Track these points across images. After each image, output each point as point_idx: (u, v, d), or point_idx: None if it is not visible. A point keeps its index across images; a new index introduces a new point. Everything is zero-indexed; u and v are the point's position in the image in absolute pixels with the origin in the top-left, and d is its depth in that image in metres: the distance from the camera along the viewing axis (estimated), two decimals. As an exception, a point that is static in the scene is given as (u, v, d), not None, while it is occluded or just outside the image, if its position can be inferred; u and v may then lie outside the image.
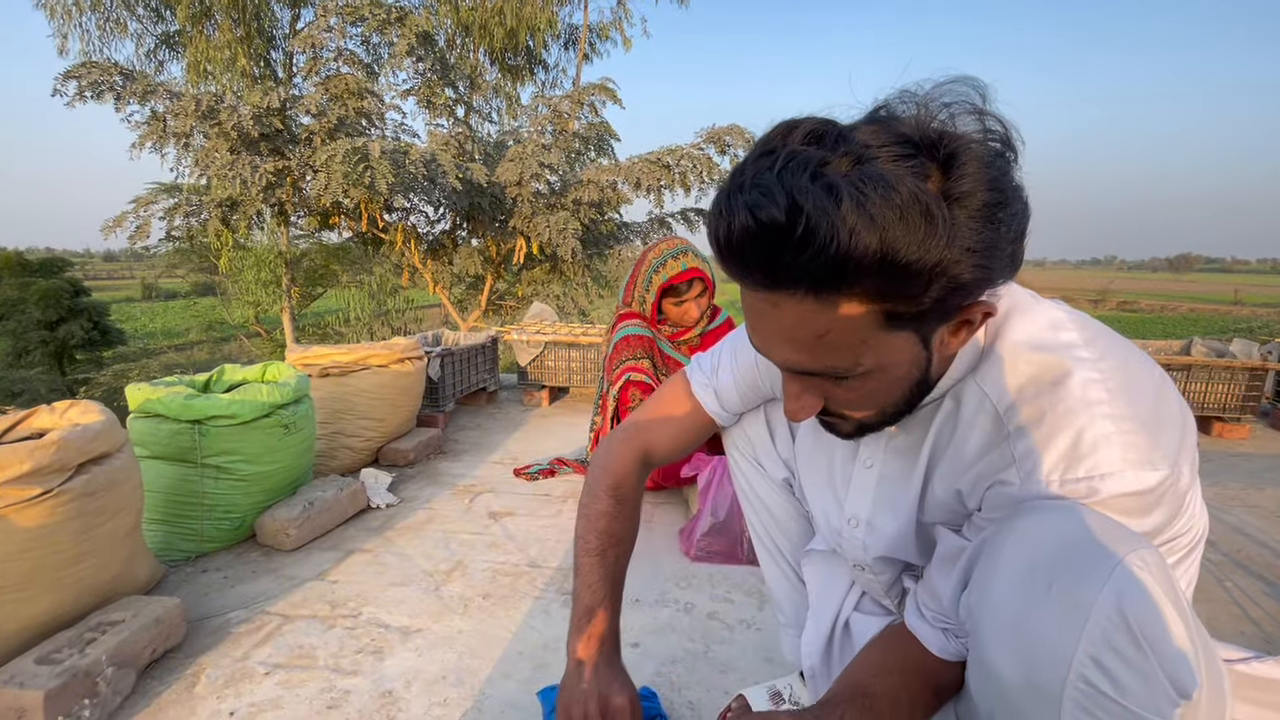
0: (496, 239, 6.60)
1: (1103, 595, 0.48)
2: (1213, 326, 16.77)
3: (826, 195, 0.45)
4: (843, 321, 0.51)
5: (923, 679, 0.68)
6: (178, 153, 5.50)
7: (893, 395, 0.60)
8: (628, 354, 1.99)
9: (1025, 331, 0.60)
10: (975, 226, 0.48)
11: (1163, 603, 0.48)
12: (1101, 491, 0.53)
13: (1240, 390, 2.80)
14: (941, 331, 0.56)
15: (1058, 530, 0.53)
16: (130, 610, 1.22)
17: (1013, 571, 0.54)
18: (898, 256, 0.46)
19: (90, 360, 11.52)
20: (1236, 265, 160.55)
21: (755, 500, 0.96)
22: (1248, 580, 1.60)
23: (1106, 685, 0.47)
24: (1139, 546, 0.50)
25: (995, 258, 0.50)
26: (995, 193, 0.48)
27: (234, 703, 1.13)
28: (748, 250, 0.49)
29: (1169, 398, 0.58)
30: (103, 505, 1.22)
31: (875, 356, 0.54)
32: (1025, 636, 0.52)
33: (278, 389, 1.75)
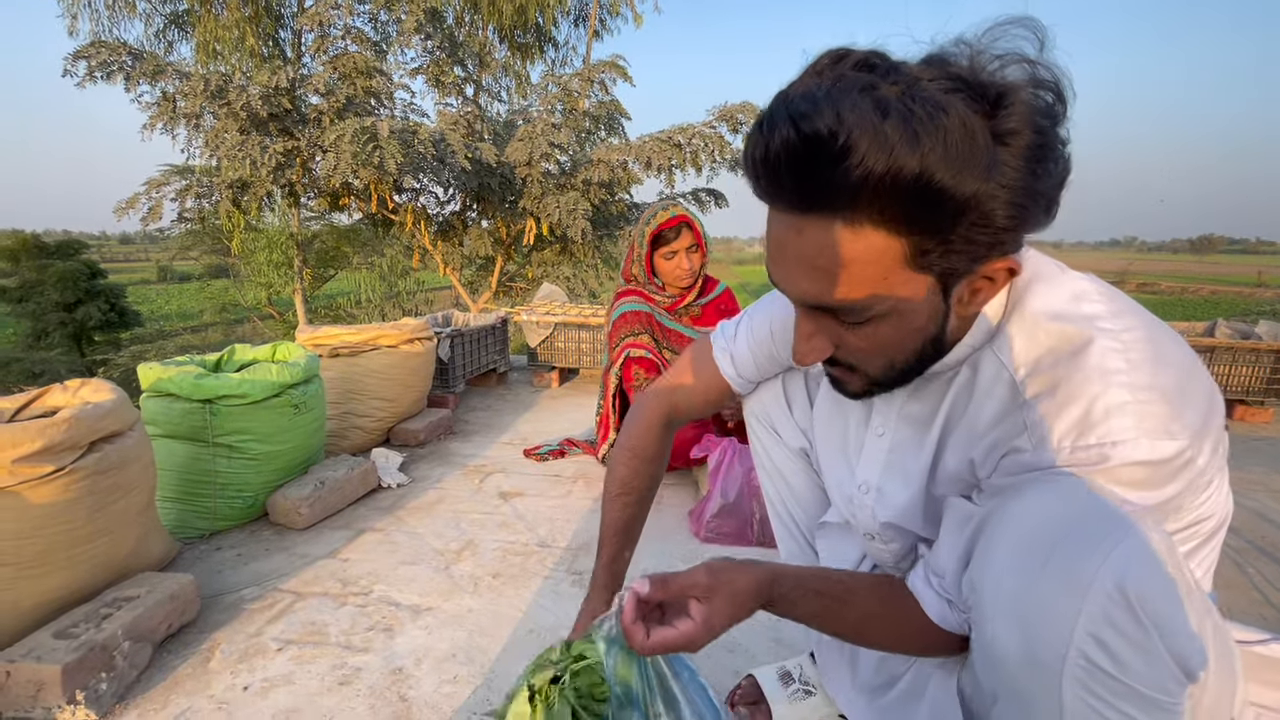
0: (506, 220, 6.57)
1: (1103, 571, 0.46)
2: (1235, 309, 16.45)
3: (874, 109, 0.44)
4: (867, 252, 0.50)
5: (904, 620, 0.68)
6: (188, 134, 5.50)
7: (905, 349, 0.58)
8: (627, 330, 1.98)
9: (1047, 302, 0.58)
10: (1017, 168, 0.47)
11: (1167, 581, 0.46)
12: (1112, 458, 0.51)
13: (1265, 373, 2.73)
14: (962, 286, 0.54)
15: (1060, 506, 0.51)
16: (145, 586, 1.24)
17: (1013, 546, 0.53)
18: (935, 180, 0.45)
19: (108, 342, 11.70)
20: (1261, 246, 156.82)
21: (772, 469, 0.96)
22: (1270, 566, 1.57)
23: (1107, 662, 0.46)
24: (1144, 525, 0.48)
25: (1031, 206, 0.49)
26: (1041, 138, 0.47)
27: (247, 677, 1.14)
28: (786, 164, 0.48)
29: (1197, 376, 0.55)
30: (115, 483, 1.23)
31: (893, 299, 0.53)
32: (1025, 611, 0.51)
33: (287, 369, 1.75)
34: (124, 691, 1.09)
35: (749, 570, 0.65)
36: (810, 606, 0.67)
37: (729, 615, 0.63)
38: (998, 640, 0.54)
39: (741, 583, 0.64)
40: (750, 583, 0.65)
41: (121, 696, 1.08)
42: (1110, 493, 0.52)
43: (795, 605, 0.67)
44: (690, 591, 0.64)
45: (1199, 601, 0.48)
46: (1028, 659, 0.51)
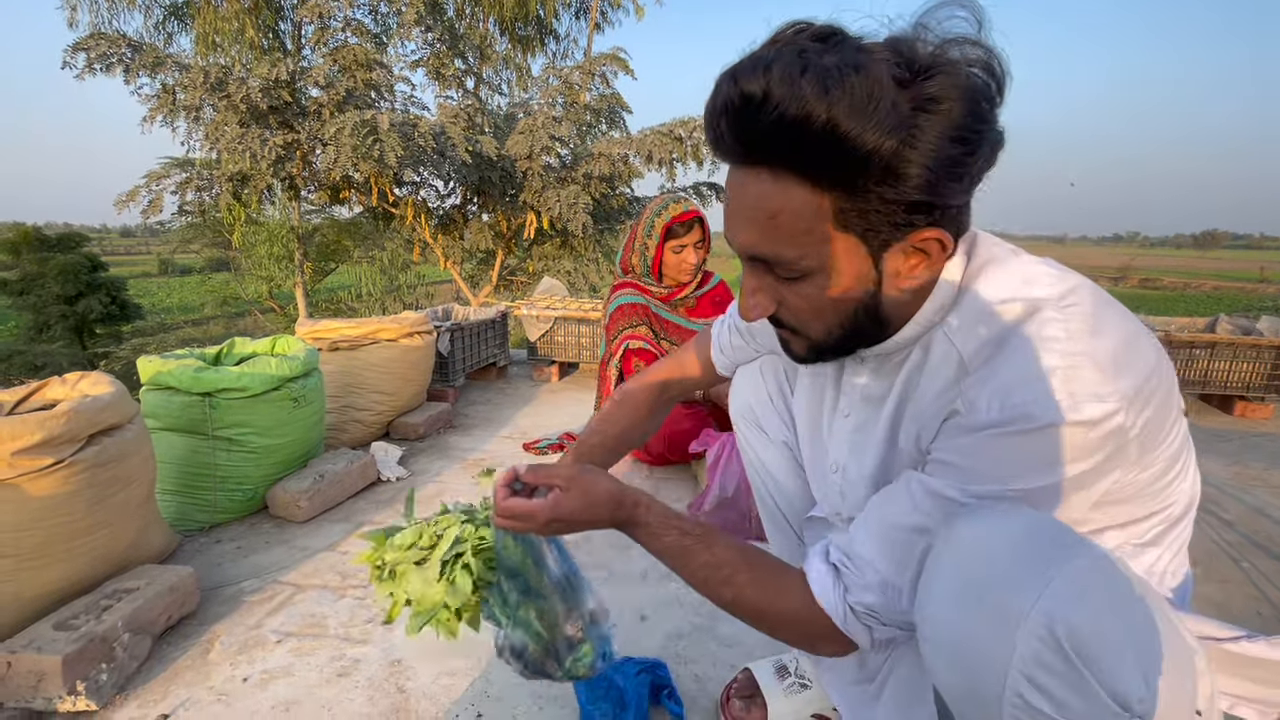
0: (507, 214, 6.56)
1: (1034, 612, 0.47)
2: (1237, 304, 16.40)
3: (797, 67, 0.49)
4: (792, 204, 0.54)
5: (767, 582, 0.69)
6: (188, 126, 5.50)
7: (839, 311, 0.61)
8: (625, 322, 1.98)
9: (998, 284, 0.60)
10: (938, 135, 0.50)
11: (1101, 616, 0.47)
12: (1036, 418, 0.52)
13: (1266, 369, 2.73)
14: (894, 256, 0.57)
15: (993, 540, 0.52)
16: (145, 578, 1.24)
17: (952, 580, 0.54)
18: (840, 128, 0.49)
19: (109, 334, 11.71)
20: (1265, 242, 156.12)
21: (759, 466, 0.97)
22: (1266, 561, 1.57)
23: (1043, 703, 0.47)
24: (1076, 556, 0.49)
25: (952, 179, 0.51)
26: (968, 111, 0.50)
27: (247, 669, 1.15)
28: (725, 118, 0.54)
29: (1138, 348, 0.56)
30: (115, 475, 1.24)
31: (820, 253, 0.57)
32: (962, 653, 0.52)
33: (287, 362, 1.75)
34: (124, 682, 1.10)
35: (612, 481, 0.73)
36: (670, 540, 0.72)
37: (577, 508, 0.71)
38: (939, 673, 0.56)
39: (600, 486, 0.72)
40: (608, 489, 0.72)
41: (121, 687, 1.09)
42: (1038, 462, 0.54)
43: (656, 536, 0.72)
44: (554, 479, 0.73)
45: (1144, 612, 0.48)
46: (969, 695, 0.53)
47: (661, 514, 0.73)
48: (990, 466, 0.56)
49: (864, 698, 0.80)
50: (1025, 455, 0.54)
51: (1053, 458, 0.54)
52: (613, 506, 0.72)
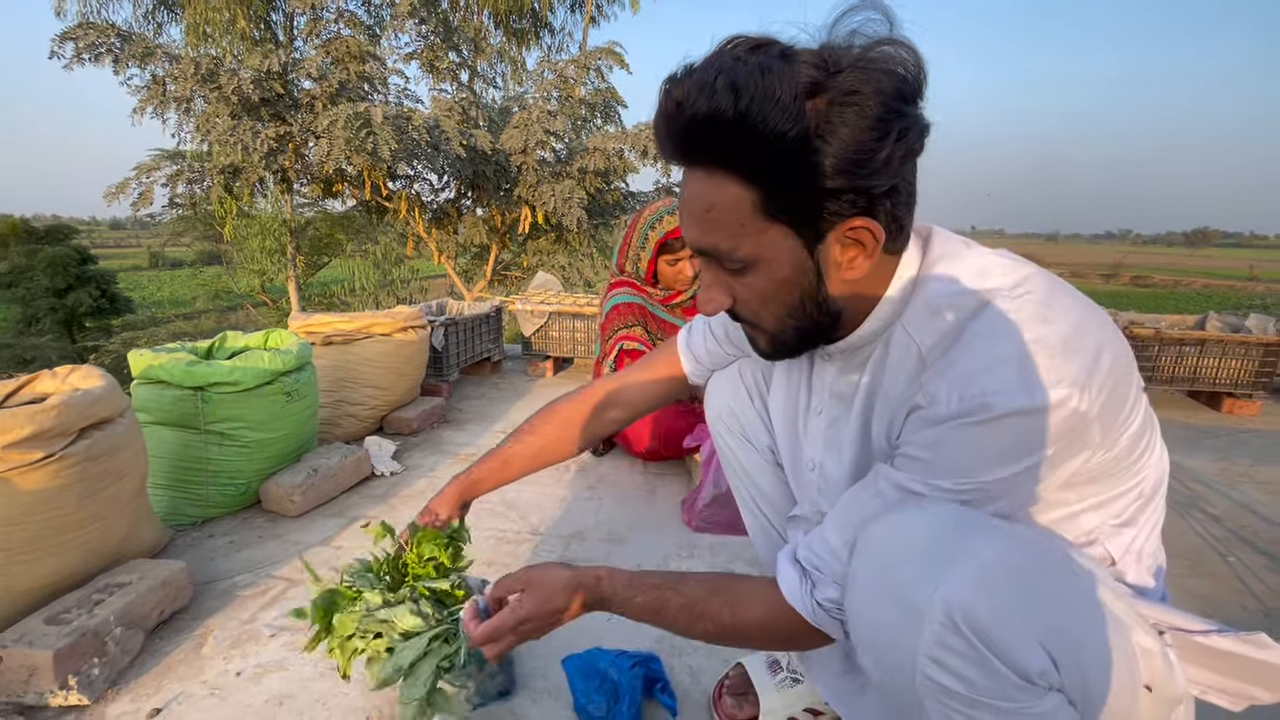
0: (501, 208, 6.53)
1: (934, 599, 0.51)
2: (1226, 302, 16.55)
3: (713, 74, 0.54)
4: (725, 198, 0.58)
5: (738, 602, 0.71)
6: (179, 118, 5.43)
7: (785, 303, 0.64)
8: (620, 323, 1.98)
9: (951, 277, 0.62)
10: (848, 125, 0.53)
11: (997, 597, 0.50)
12: (995, 408, 0.54)
13: (1254, 366, 2.75)
14: (829, 247, 0.60)
15: (902, 536, 0.56)
16: (137, 573, 1.24)
17: (865, 577, 0.57)
18: (749, 121, 0.53)
19: (99, 328, 11.60)
20: (1254, 240, 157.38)
21: (740, 470, 0.97)
22: (1252, 556, 1.59)
23: (951, 682, 0.51)
24: (981, 546, 0.52)
25: (866, 165, 0.54)
26: (879, 103, 0.53)
27: (241, 664, 1.15)
28: (661, 124, 0.59)
29: (1089, 332, 0.57)
30: (106, 469, 1.23)
31: (756, 244, 0.60)
32: (878, 640, 0.56)
33: (280, 356, 1.74)
34: (116, 677, 1.10)
35: (565, 569, 0.76)
36: (645, 599, 0.74)
37: (538, 604, 0.74)
38: (869, 668, 0.59)
39: (553, 577, 0.75)
40: (562, 578, 0.75)
41: (114, 682, 1.09)
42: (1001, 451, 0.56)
43: (630, 601, 0.74)
44: (512, 589, 0.77)
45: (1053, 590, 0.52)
46: (891, 683, 0.57)
47: (625, 580, 0.75)
48: (953, 459, 0.58)
49: (852, 689, 0.81)
50: (987, 445, 0.56)
51: (1014, 446, 0.56)
52: (571, 591, 0.75)
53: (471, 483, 1.01)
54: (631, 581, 0.75)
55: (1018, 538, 0.55)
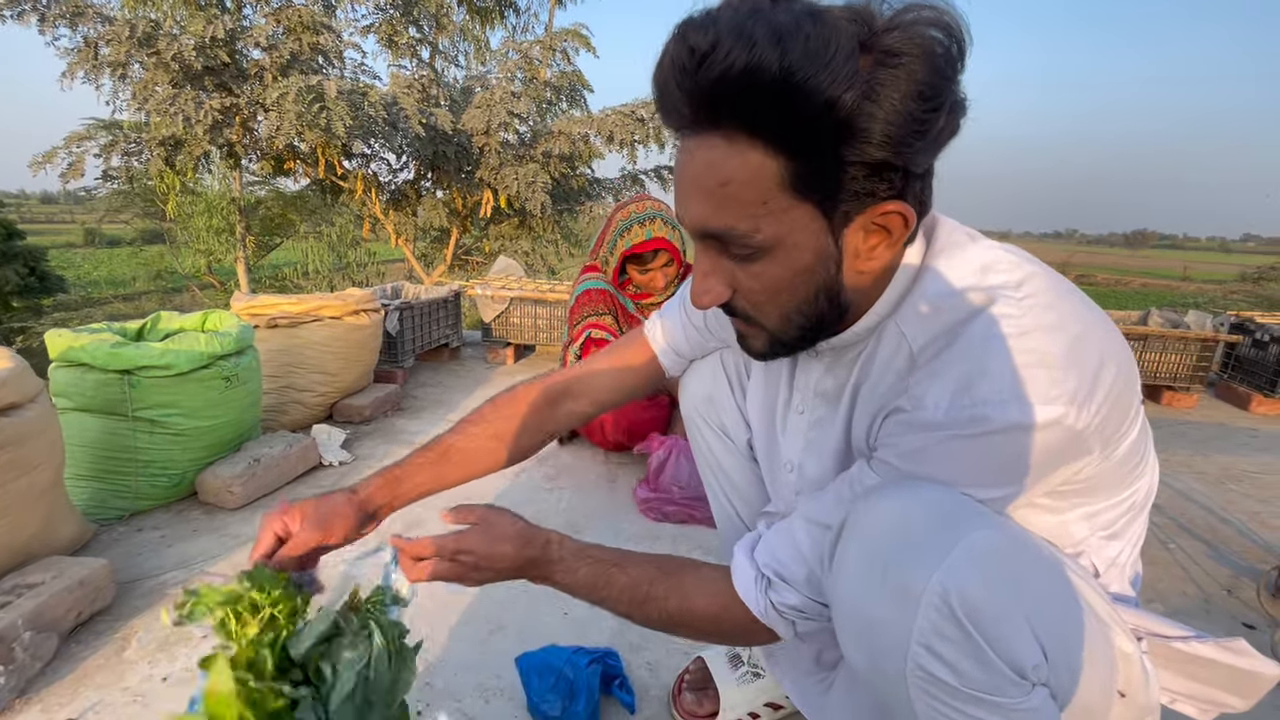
0: (462, 191, 6.35)
1: (930, 585, 0.48)
2: (1162, 300, 17.39)
3: (750, 18, 0.46)
4: (745, 169, 0.50)
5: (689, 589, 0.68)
6: (114, 84, 5.08)
7: (799, 296, 0.57)
8: (590, 309, 1.92)
9: (953, 273, 0.57)
10: (900, 92, 0.46)
11: (996, 586, 0.48)
12: (991, 420, 0.50)
13: (1192, 361, 2.88)
14: (854, 232, 0.54)
15: (898, 516, 0.52)
16: (51, 571, 1.14)
17: (857, 559, 0.54)
18: (795, 78, 0.45)
19: (28, 308, 10.87)
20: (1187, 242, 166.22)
21: (714, 463, 0.93)
22: (1191, 543, 1.65)
23: (943, 672, 0.48)
24: (975, 528, 0.49)
25: (915, 137, 0.48)
26: (929, 67, 0.47)
27: (167, 667, 1.07)
28: (673, 78, 0.49)
29: (1092, 342, 0.53)
30: (13, 459, 1.12)
31: (777, 226, 0.52)
32: (866, 626, 0.53)
33: (218, 339, 1.63)
34: (25, 685, 1.00)
35: (520, 520, 0.74)
36: (589, 571, 0.71)
37: (482, 543, 0.71)
38: (850, 653, 0.56)
39: (507, 523, 0.73)
40: (515, 527, 0.73)
41: (22, 691, 1.00)
42: (987, 470, 0.53)
43: (574, 572, 0.71)
44: (464, 519, 0.75)
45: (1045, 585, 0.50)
46: (875, 671, 0.54)
47: (574, 549, 0.73)
48: (935, 472, 0.54)
49: (819, 688, 0.79)
50: (973, 463, 0.53)
51: (1002, 466, 0.52)
52: (521, 543, 0.72)
53: (389, 489, 0.78)
54: (580, 551, 0.73)
55: (1010, 529, 0.53)
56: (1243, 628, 1.31)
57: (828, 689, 0.78)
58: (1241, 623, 1.32)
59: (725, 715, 0.96)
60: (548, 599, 1.28)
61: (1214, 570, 1.52)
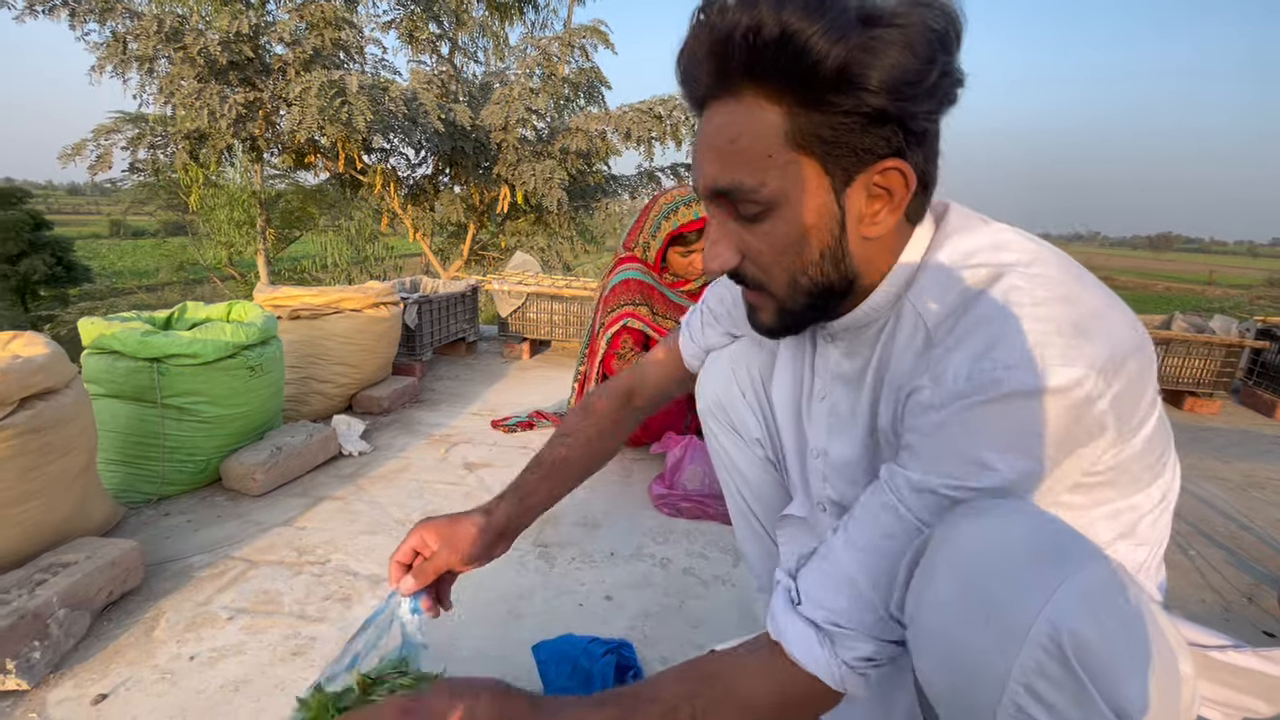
0: (480, 186, 6.40)
1: (1038, 623, 0.46)
2: (1185, 305, 17.10)
3: None
4: (754, 125, 0.54)
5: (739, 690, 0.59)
6: (141, 79, 5.17)
7: (804, 256, 0.58)
8: (626, 298, 1.92)
9: (964, 249, 0.58)
10: (895, 48, 0.50)
11: (1108, 626, 0.45)
12: (1005, 383, 0.50)
13: (1216, 366, 2.83)
14: (856, 193, 0.56)
15: (994, 545, 0.50)
16: (84, 552, 1.17)
17: (951, 585, 0.51)
18: (793, 28, 0.49)
19: (55, 297, 11.11)
20: (1214, 246, 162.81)
21: (730, 465, 0.94)
22: (1211, 549, 1.63)
23: (1040, 713, 0.46)
24: (1083, 564, 0.47)
25: (918, 89, 0.51)
26: (925, 30, 0.51)
27: (195, 647, 1.10)
28: (696, 51, 0.55)
29: (1110, 320, 0.53)
30: (49, 443, 1.16)
31: (781, 180, 0.55)
32: (959, 661, 0.50)
33: (243, 329, 1.67)
34: (59, 661, 1.04)
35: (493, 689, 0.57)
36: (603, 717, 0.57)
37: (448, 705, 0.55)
38: (931, 681, 0.53)
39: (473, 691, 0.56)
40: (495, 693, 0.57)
41: (56, 666, 1.03)
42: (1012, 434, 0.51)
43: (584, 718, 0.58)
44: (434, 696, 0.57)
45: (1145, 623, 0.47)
46: (962, 703, 0.51)
47: (572, 700, 0.58)
48: (962, 444, 0.53)
49: None
50: (992, 430, 0.52)
51: (1025, 429, 0.51)
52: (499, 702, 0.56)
53: (518, 507, 0.82)
54: (578, 702, 0.58)
55: (1113, 562, 0.49)
56: (1263, 636, 1.29)
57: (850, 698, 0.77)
58: (1262, 630, 1.31)
59: None
60: (563, 589, 1.30)
61: (1234, 577, 1.50)
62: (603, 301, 1.97)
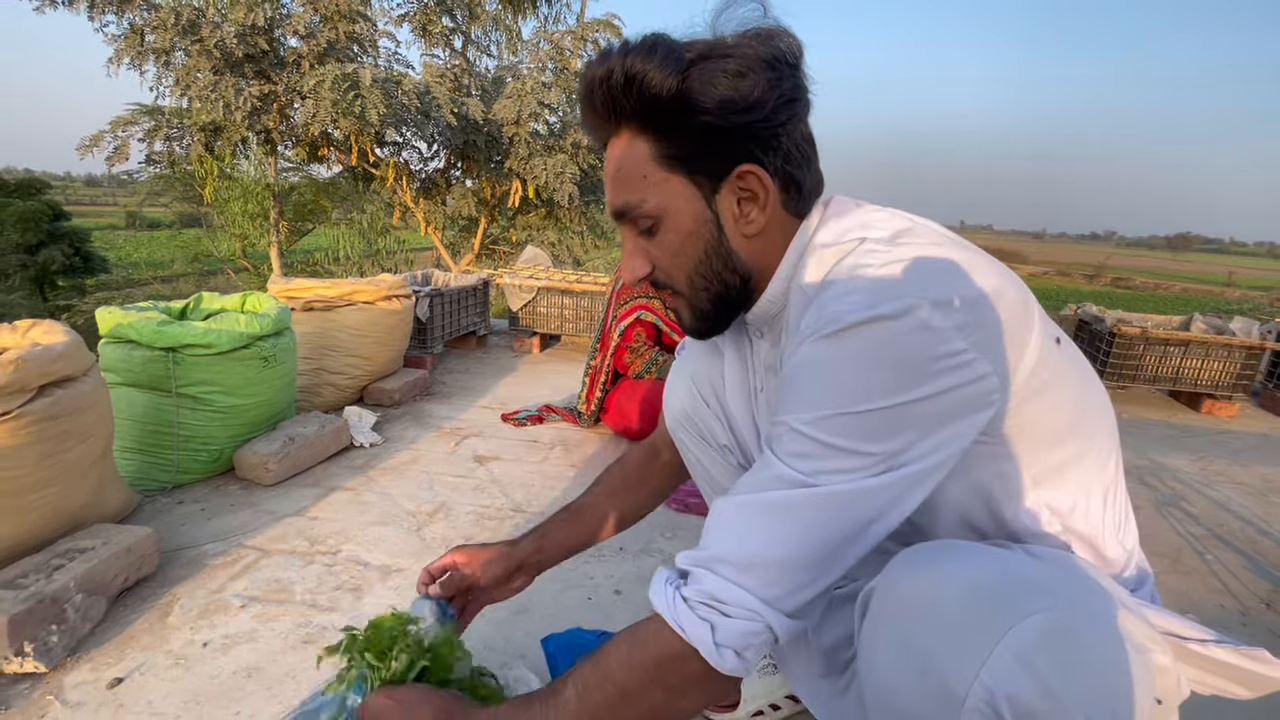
0: (491, 180, 6.40)
1: (974, 688, 0.46)
2: (1204, 306, 16.83)
3: (616, 47, 0.62)
4: (629, 154, 0.64)
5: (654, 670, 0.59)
6: (158, 71, 5.21)
7: (692, 257, 0.66)
8: (639, 291, 1.92)
9: (837, 230, 0.64)
10: (732, 74, 0.59)
11: (1046, 680, 0.45)
12: (846, 318, 0.53)
13: (1235, 368, 2.79)
14: (725, 197, 0.64)
15: (932, 593, 0.51)
16: (100, 538, 1.19)
17: (889, 650, 0.52)
18: (631, 72, 0.59)
19: (73, 287, 11.27)
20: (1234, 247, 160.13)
21: (703, 471, 0.93)
22: (1228, 554, 1.61)
23: None
24: (1023, 615, 0.47)
25: (746, 103, 0.59)
26: (752, 56, 0.59)
27: (208, 634, 1.11)
28: (581, 105, 0.66)
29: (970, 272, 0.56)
30: (67, 430, 1.17)
31: (658, 196, 0.64)
32: (900, 712, 0.52)
33: (257, 319, 1.68)
34: (75, 644, 1.05)
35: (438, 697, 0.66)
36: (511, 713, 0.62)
37: None
38: None
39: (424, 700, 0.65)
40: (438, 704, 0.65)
41: (73, 650, 1.05)
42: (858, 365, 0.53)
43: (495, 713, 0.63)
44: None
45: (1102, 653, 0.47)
46: None
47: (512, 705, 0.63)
48: (816, 382, 0.56)
49: (833, 691, 0.78)
50: (843, 367, 0.54)
51: (872, 357, 0.53)
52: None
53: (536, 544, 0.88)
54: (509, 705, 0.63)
55: (1061, 582, 0.50)
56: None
57: (842, 692, 0.77)
58: (1279, 636, 1.29)
59: (747, 706, 0.97)
60: (572, 584, 1.30)
61: (1252, 583, 1.48)
62: (615, 295, 1.97)
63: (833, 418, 0.54)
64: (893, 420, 0.53)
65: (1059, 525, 0.62)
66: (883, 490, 0.53)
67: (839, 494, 0.53)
